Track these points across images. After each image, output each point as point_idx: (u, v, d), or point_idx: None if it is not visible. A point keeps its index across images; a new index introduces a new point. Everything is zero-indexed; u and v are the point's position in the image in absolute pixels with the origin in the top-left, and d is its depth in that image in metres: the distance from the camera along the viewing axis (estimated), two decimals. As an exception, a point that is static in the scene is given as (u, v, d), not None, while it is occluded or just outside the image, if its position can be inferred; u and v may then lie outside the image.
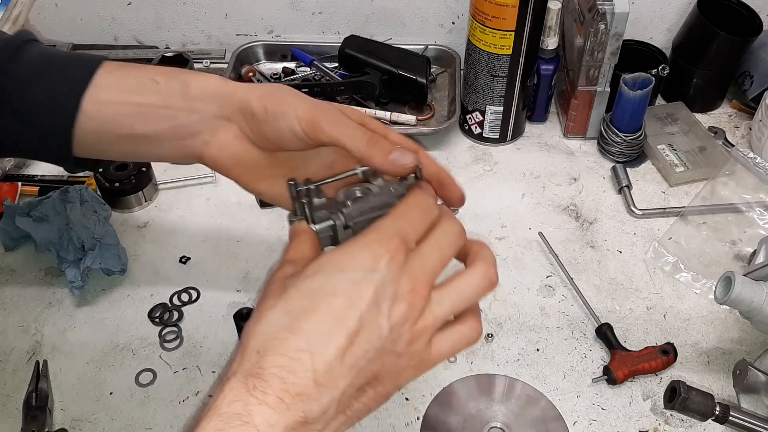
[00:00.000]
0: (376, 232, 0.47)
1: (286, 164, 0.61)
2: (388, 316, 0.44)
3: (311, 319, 0.43)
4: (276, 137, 0.58)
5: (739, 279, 0.73)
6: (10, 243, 0.94)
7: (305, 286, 0.45)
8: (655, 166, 1.09)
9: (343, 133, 0.56)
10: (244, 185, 0.63)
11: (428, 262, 0.47)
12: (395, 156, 0.54)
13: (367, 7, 1.21)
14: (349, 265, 0.45)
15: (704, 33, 1.10)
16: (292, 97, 0.58)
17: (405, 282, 0.45)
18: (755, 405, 0.78)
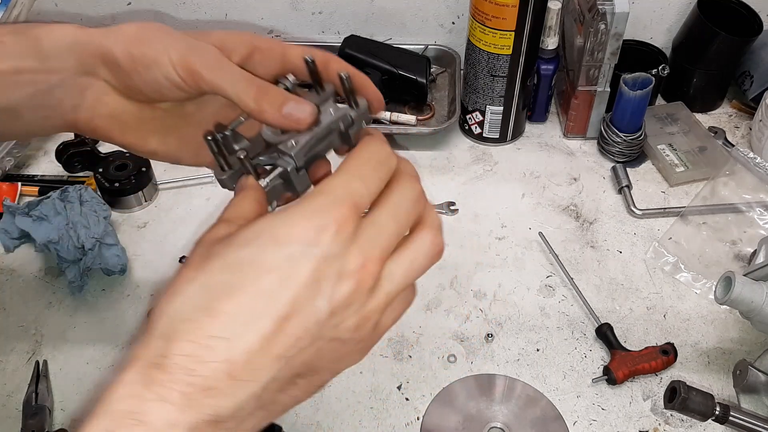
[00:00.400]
0: (323, 195, 0.40)
1: (174, 114, 0.53)
2: (330, 298, 0.38)
3: (233, 299, 0.37)
4: (150, 88, 0.50)
5: (739, 279, 0.73)
6: (10, 243, 0.94)
7: (232, 258, 0.38)
8: (655, 166, 1.09)
9: (226, 81, 0.48)
10: (132, 148, 0.54)
11: (383, 232, 0.40)
12: (290, 109, 0.47)
13: (367, 7, 1.21)
14: (288, 237, 0.38)
15: (704, 33, 1.10)
16: (163, 38, 0.49)
17: (354, 257, 0.38)
18: (755, 405, 0.78)
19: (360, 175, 0.41)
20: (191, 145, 0.54)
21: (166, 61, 0.48)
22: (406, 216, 0.42)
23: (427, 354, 0.86)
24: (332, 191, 0.40)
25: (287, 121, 0.47)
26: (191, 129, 0.53)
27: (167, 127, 0.53)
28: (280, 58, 0.51)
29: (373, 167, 0.42)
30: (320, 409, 0.81)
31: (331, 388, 0.82)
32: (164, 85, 0.49)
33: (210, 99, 0.53)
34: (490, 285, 0.93)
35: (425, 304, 0.90)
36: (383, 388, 0.82)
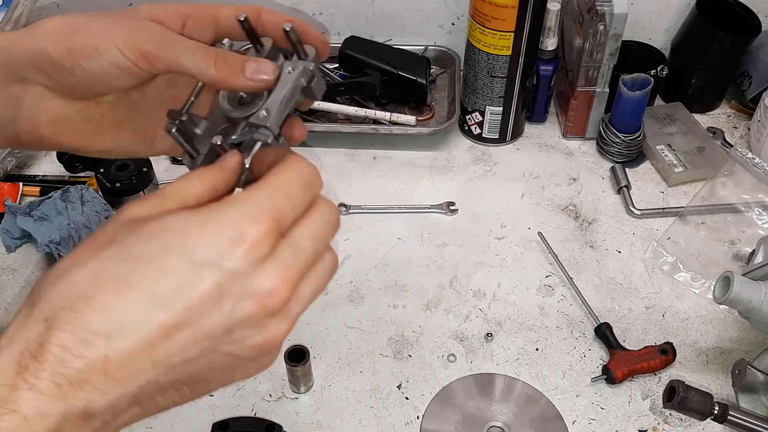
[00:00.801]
0: (246, 204, 0.37)
1: (121, 106, 0.50)
2: (228, 315, 0.36)
3: (123, 295, 0.34)
4: (96, 80, 0.46)
5: (737, 279, 0.74)
6: (11, 243, 0.94)
7: (133, 249, 0.35)
8: (654, 167, 1.09)
9: (182, 55, 0.45)
10: (84, 151, 0.51)
11: (301, 255, 0.38)
12: (251, 69, 0.45)
13: (368, 8, 1.21)
14: (197, 242, 0.35)
15: (703, 33, 1.10)
16: (97, 25, 0.46)
17: (264, 279, 0.36)
18: (754, 404, 0.79)
19: (288, 193, 0.38)
20: (145, 135, 0.52)
21: (110, 46, 0.45)
22: (325, 241, 0.40)
23: (427, 353, 0.86)
24: (256, 202, 0.37)
25: (253, 83, 0.45)
26: (141, 118, 0.51)
27: (117, 121, 0.50)
28: (213, 23, 0.49)
29: (302, 187, 0.39)
30: (320, 409, 0.81)
31: (332, 388, 0.83)
32: (112, 73, 0.46)
33: (154, 82, 0.51)
34: (490, 285, 0.93)
35: (425, 303, 0.91)
36: (383, 388, 0.83)
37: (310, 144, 1.10)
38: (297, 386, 0.82)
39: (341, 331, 0.88)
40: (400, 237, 0.98)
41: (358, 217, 1.01)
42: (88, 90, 0.47)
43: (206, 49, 0.46)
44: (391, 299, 0.91)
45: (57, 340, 0.34)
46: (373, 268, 0.95)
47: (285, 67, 0.46)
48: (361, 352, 0.86)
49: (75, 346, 0.34)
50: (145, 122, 0.51)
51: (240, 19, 0.46)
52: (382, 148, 1.11)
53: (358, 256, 0.96)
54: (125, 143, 0.51)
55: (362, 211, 1.02)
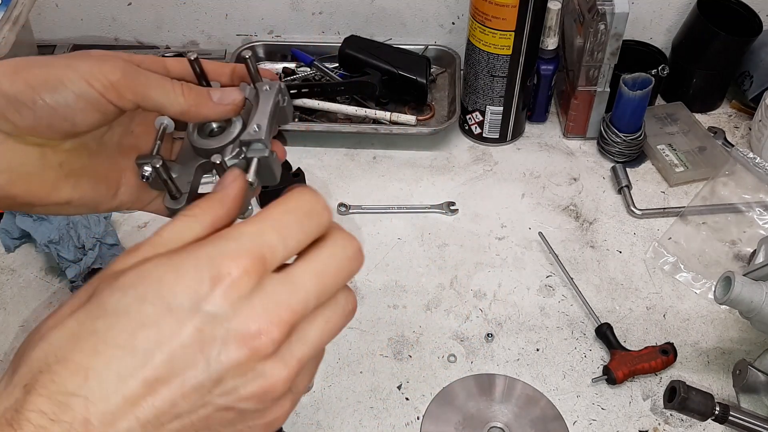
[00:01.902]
0: (225, 241, 0.34)
1: (80, 153, 0.47)
2: (215, 362, 0.33)
3: (100, 353, 0.32)
4: (59, 117, 0.43)
5: (738, 279, 0.73)
6: (10, 243, 0.94)
7: (110, 302, 0.33)
8: (654, 166, 1.09)
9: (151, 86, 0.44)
10: (40, 204, 0.46)
11: (299, 292, 0.35)
12: (219, 96, 0.45)
13: (368, 7, 1.21)
14: (175, 288, 0.33)
15: (704, 33, 1.10)
16: (61, 60, 0.43)
17: (248, 319, 0.33)
18: (755, 405, 0.78)
19: (278, 226, 0.35)
20: (108, 184, 0.49)
21: (75, 77, 0.42)
22: (335, 277, 0.36)
23: (427, 354, 0.86)
24: (238, 238, 0.34)
25: (223, 107, 0.45)
26: (102, 167, 0.48)
27: (76, 170, 0.47)
28: (164, 70, 0.48)
29: (296, 219, 0.36)
30: (320, 409, 0.81)
31: (332, 388, 0.82)
32: (78, 107, 0.43)
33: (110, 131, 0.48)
34: (490, 285, 0.93)
35: (425, 304, 0.91)
36: (383, 388, 0.82)
37: (310, 144, 1.10)
38: (297, 387, 0.81)
39: (341, 332, 0.87)
40: (400, 237, 0.98)
41: (358, 217, 1.01)
42: (49, 129, 0.43)
43: (172, 80, 0.45)
44: (391, 299, 0.91)
45: (33, 406, 0.31)
46: (373, 268, 0.94)
47: (260, 87, 0.47)
48: (361, 353, 0.86)
49: (52, 410, 0.31)
50: (106, 171, 0.49)
51: (191, 58, 0.47)
52: (382, 147, 1.11)
53: (358, 256, 0.96)
54: (86, 194, 0.48)
55: (362, 211, 1.02)
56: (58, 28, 1.24)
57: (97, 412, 0.31)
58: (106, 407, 0.32)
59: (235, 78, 0.50)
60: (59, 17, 1.24)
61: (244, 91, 0.47)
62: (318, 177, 1.06)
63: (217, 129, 0.47)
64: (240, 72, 0.49)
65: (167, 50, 1.22)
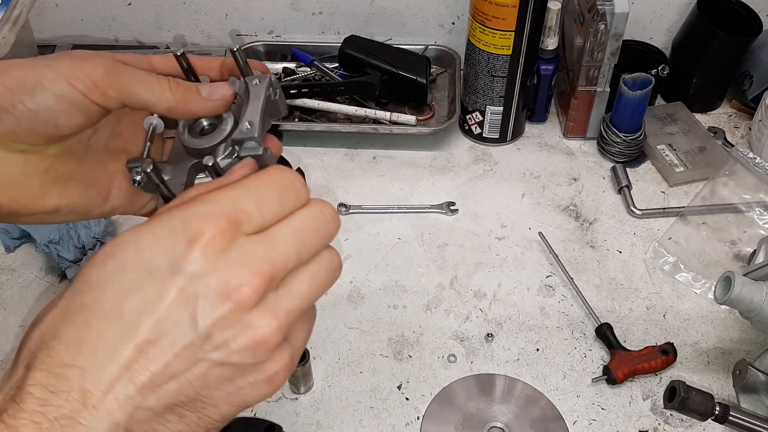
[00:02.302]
0: (201, 204, 0.35)
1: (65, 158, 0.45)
2: (200, 319, 0.33)
3: (91, 324, 0.33)
4: (41, 120, 0.41)
5: (738, 279, 0.73)
6: (10, 243, 0.94)
7: (92, 276, 0.34)
8: (654, 166, 1.09)
9: (136, 82, 0.42)
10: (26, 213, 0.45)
11: (279, 246, 0.35)
12: (208, 91, 0.44)
13: (367, 7, 1.21)
14: (152, 252, 0.34)
15: (704, 33, 1.10)
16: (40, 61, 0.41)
17: (228, 273, 0.34)
18: (755, 405, 0.78)
19: (255, 195, 0.36)
20: (98, 189, 0.47)
21: (55, 77, 0.40)
22: (314, 235, 0.37)
23: (427, 354, 0.86)
24: (214, 202, 0.35)
25: (212, 103, 0.44)
26: (91, 172, 0.47)
27: (63, 176, 0.45)
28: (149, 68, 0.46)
29: (275, 191, 0.37)
30: (320, 409, 0.81)
31: (332, 388, 0.82)
32: (59, 109, 0.41)
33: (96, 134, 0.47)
34: (490, 285, 0.93)
35: (425, 303, 0.91)
36: (383, 388, 0.82)
37: (310, 144, 1.10)
38: (297, 387, 0.82)
39: (341, 332, 0.87)
40: (400, 237, 0.98)
41: (358, 217, 1.01)
42: (31, 134, 0.42)
43: (158, 75, 0.43)
44: (391, 299, 0.91)
45: (33, 380, 0.32)
46: (373, 268, 0.94)
47: (250, 81, 0.45)
48: (361, 353, 0.86)
49: (51, 382, 0.32)
50: (95, 176, 0.47)
51: (177, 54, 0.45)
52: (382, 147, 1.11)
53: (358, 256, 0.96)
54: (75, 200, 0.46)
55: (362, 211, 1.02)
56: (58, 28, 1.24)
57: (93, 380, 0.32)
58: (101, 375, 0.32)
59: (225, 72, 0.48)
60: (59, 17, 1.24)
61: (234, 86, 0.46)
62: (318, 177, 1.06)
63: (208, 126, 0.46)
64: (230, 65, 0.48)
65: (167, 50, 1.22)
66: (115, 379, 0.33)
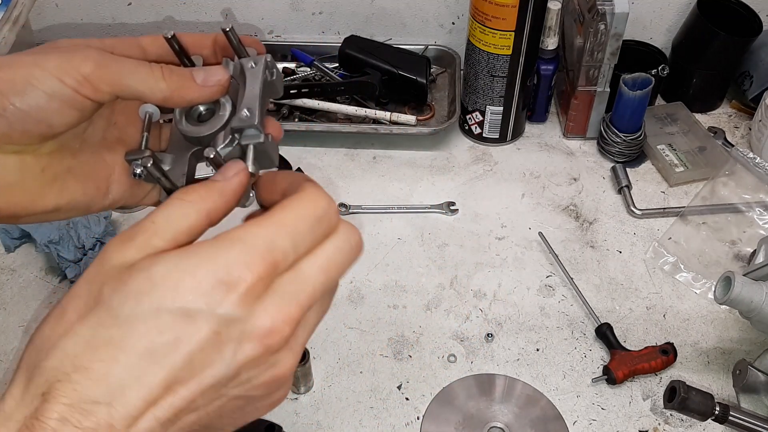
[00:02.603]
0: (241, 244, 0.34)
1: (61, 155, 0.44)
2: (230, 361, 0.34)
3: (120, 360, 0.32)
4: (33, 120, 0.40)
5: (738, 279, 0.73)
6: (10, 243, 0.94)
7: (124, 310, 0.33)
8: (654, 166, 1.09)
9: (128, 72, 0.41)
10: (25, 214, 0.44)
11: (308, 287, 0.36)
12: (203, 77, 0.42)
13: (368, 7, 1.21)
14: (190, 294, 0.33)
15: (704, 33, 1.10)
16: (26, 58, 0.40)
17: (263, 319, 0.34)
18: (755, 405, 0.78)
19: (292, 232, 0.36)
20: (97, 183, 0.46)
21: (44, 75, 0.39)
22: (339, 269, 0.37)
23: (427, 354, 0.86)
24: (253, 242, 0.35)
25: (208, 89, 0.42)
26: (88, 167, 0.45)
27: (61, 173, 0.44)
28: (140, 51, 0.45)
29: (310, 225, 0.36)
30: (320, 409, 0.81)
31: (332, 388, 0.82)
32: (51, 107, 0.40)
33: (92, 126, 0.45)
34: (490, 285, 0.93)
35: (425, 304, 0.91)
36: (383, 388, 0.82)
37: (310, 144, 1.10)
38: (297, 387, 0.82)
39: (341, 332, 0.87)
40: (400, 237, 0.98)
41: (358, 217, 1.01)
42: (24, 134, 0.40)
43: (150, 64, 0.42)
44: (391, 299, 0.91)
45: (54, 413, 0.31)
46: (373, 268, 0.94)
47: (245, 64, 0.44)
48: (361, 353, 0.86)
49: (75, 417, 0.31)
50: (93, 170, 0.46)
51: (168, 36, 0.43)
52: (382, 147, 1.11)
53: (358, 256, 0.96)
54: (75, 197, 0.45)
55: (362, 211, 1.02)
56: (58, 28, 1.24)
57: (119, 416, 0.32)
58: (127, 410, 0.32)
59: (218, 49, 0.47)
60: (59, 17, 1.23)
61: (228, 68, 0.44)
62: (318, 177, 1.06)
63: (206, 112, 0.44)
64: (222, 41, 0.46)
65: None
66: (139, 414, 0.32)
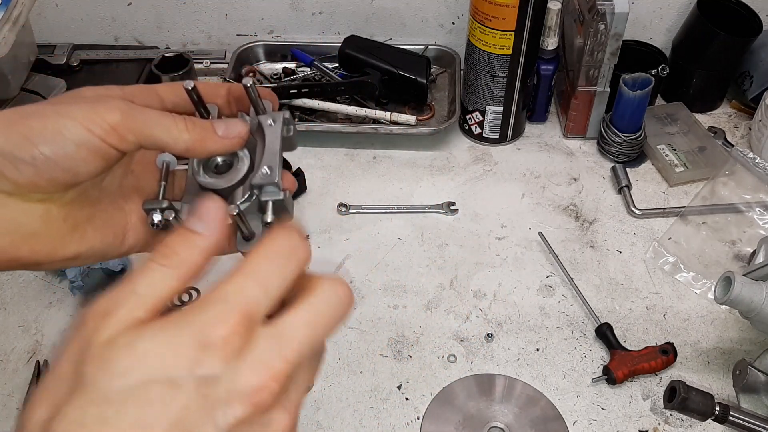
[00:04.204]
0: (212, 305, 0.34)
1: (83, 204, 0.45)
2: (221, 422, 0.33)
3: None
4: (60, 169, 0.40)
5: (738, 279, 0.73)
6: (10, 243, 0.94)
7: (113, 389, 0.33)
8: (654, 166, 1.09)
9: (153, 123, 0.42)
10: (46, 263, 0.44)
11: (291, 343, 0.35)
12: (224, 130, 0.43)
13: (367, 7, 1.21)
14: (172, 361, 0.33)
15: (704, 33, 1.10)
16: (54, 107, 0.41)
17: (246, 375, 0.33)
18: (755, 405, 0.78)
19: (259, 277, 0.35)
20: (115, 232, 0.47)
21: (72, 124, 0.40)
22: (327, 325, 0.36)
23: (427, 354, 0.86)
24: (223, 299, 0.34)
25: (229, 141, 0.43)
26: (107, 215, 0.46)
27: (81, 221, 0.44)
28: (158, 100, 0.46)
29: (276, 265, 0.36)
30: (320, 409, 0.81)
31: (332, 388, 0.82)
32: (79, 156, 0.40)
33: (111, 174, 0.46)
34: (490, 285, 0.93)
35: (425, 304, 0.91)
36: (383, 388, 0.82)
37: (310, 144, 1.10)
38: (297, 387, 0.81)
39: (341, 332, 0.87)
40: (400, 237, 0.98)
41: (358, 217, 1.01)
42: (50, 182, 0.41)
43: (173, 115, 0.43)
44: (391, 299, 0.91)
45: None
46: (373, 268, 0.94)
47: (263, 121, 0.45)
48: (361, 353, 0.86)
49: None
50: (111, 219, 0.47)
51: (188, 88, 0.44)
52: (382, 148, 1.11)
53: (358, 256, 0.96)
54: (94, 245, 0.45)
55: (362, 211, 1.02)
56: (58, 28, 1.24)
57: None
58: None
59: (232, 100, 0.48)
60: (59, 17, 1.23)
61: (247, 122, 0.45)
62: (318, 177, 1.06)
63: (223, 164, 0.45)
64: (236, 92, 0.47)
65: (167, 50, 1.22)
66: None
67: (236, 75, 1.18)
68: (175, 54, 1.18)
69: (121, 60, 1.21)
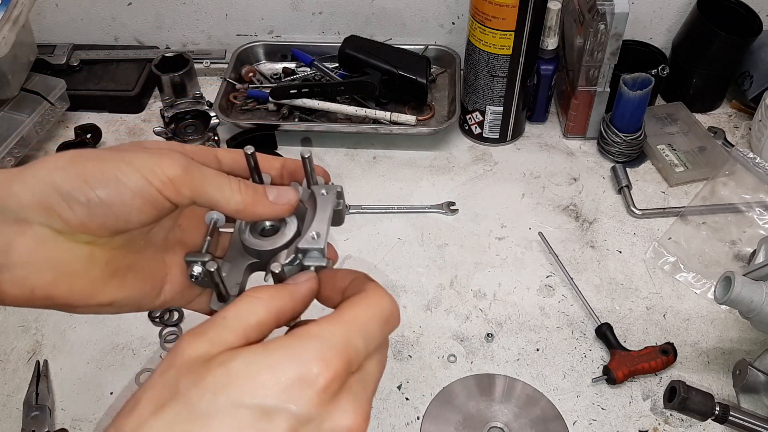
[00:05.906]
0: (318, 341, 0.35)
1: (128, 251, 0.45)
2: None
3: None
4: (113, 214, 0.41)
5: (738, 279, 0.73)
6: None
7: (202, 404, 0.33)
8: (654, 166, 1.09)
9: (209, 181, 0.43)
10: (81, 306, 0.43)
11: (371, 384, 0.38)
12: (275, 196, 0.45)
13: (368, 7, 1.21)
14: (266, 388, 0.34)
15: (704, 33, 1.10)
16: (115, 154, 0.42)
17: (342, 418, 0.35)
18: (755, 405, 0.78)
19: (365, 332, 0.37)
20: (153, 283, 0.47)
21: (131, 171, 0.40)
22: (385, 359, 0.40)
23: (427, 354, 0.86)
24: (330, 340, 0.35)
25: (279, 207, 0.44)
26: (148, 265, 0.46)
27: (122, 268, 0.44)
28: (215, 162, 0.47)
29: (379, 326, 0.38)
30: (320, 409, 0.81)
31: (331, 388, 0.82)
32: (133, 204, 0.41)
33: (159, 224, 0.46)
34: (490, 285, 0.93)
35: (425, 304, 0.91)
36: (383, 388, 0.82)
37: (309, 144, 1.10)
38: (297, 387, 0.81)
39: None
40: (400, 237, 0.98)
41: (358, 217, 1.01)
42: (100, 226, 0.41)
43: (228, 176, 0.44)
44: (391, 299, 0.91)
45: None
46: (373, 268, 0.94)
47: (317, 190, 0.46)
48: (361, 353, 0.86)
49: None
50: (152, 269, 0.47)
51: (248, 152, 0.45)
52: (382, 147, 1.11)
53: (358, 256, 0.96)
54: (131, 294, 0.45)
55: (362, 211, 1.02)
56: (58, 28, 1.24)
57: None
58: None
59: (285, 173, 0.49)
60: (59, 17, 1.24)
61: (298, 191, 0.46)
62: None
63: (270, 228, 0.46)
64: (290, 166, 0.49)
65: (167, 50, 1.22)
66: None
67: (236, 75, 1.18)
68: (175, 54, 1.18)
69: (121, 60, 1.21)
